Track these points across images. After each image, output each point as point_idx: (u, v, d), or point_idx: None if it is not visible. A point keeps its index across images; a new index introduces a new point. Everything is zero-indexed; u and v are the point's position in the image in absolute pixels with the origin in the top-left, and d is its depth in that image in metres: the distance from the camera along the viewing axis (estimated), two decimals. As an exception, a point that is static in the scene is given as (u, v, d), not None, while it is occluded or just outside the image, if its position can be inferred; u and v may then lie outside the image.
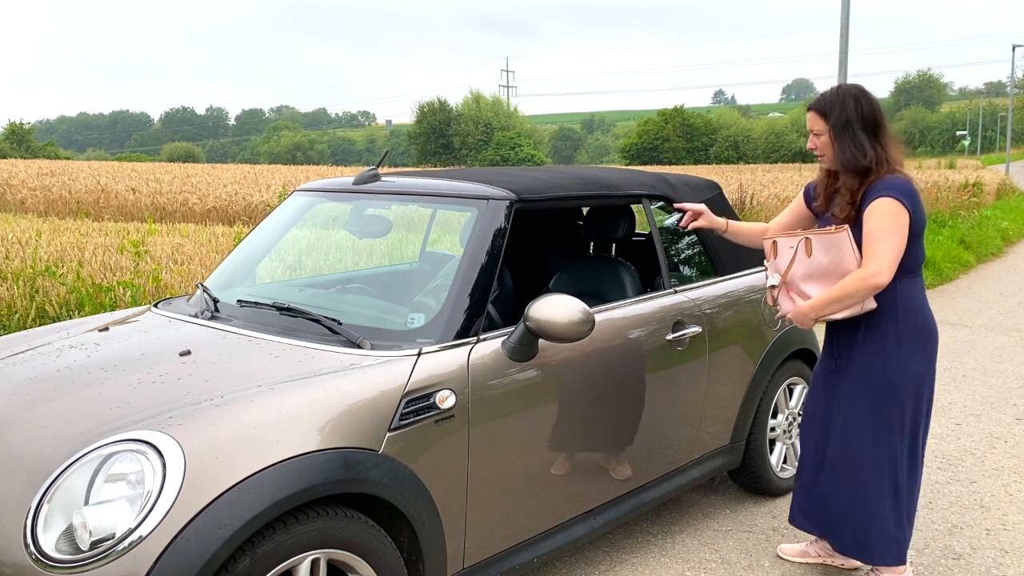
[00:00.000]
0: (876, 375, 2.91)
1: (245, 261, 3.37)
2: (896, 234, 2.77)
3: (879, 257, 2.75)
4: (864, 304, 2.84)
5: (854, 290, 2.78)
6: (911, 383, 2.90)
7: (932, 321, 2.96)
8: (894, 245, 2.76)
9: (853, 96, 2.90)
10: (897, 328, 2.88)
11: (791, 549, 3.38)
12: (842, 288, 2.80)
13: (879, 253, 2.75)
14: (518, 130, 79.66)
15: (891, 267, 2.76)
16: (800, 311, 2.92)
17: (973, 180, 20.02)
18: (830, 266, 2.85)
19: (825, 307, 2.85)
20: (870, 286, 2.76)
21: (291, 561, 2.07)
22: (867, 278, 2.75)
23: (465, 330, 2.59)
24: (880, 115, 2.90)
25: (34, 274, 6.07)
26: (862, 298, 2.81)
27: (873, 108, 2.89)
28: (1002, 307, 8.89)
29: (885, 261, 2.75)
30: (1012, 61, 46.52)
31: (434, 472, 2.39)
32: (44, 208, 18.98)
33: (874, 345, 2.91)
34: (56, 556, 1.90)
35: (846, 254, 2.82)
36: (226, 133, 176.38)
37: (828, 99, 2.93)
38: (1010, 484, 4.15)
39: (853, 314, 2.86)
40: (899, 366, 2.89)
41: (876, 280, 2.75)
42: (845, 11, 11.46)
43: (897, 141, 2.95)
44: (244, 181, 24.40)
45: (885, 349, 2.89)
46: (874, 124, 2.88)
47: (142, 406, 2.19)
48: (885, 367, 2.90)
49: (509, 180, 3.00)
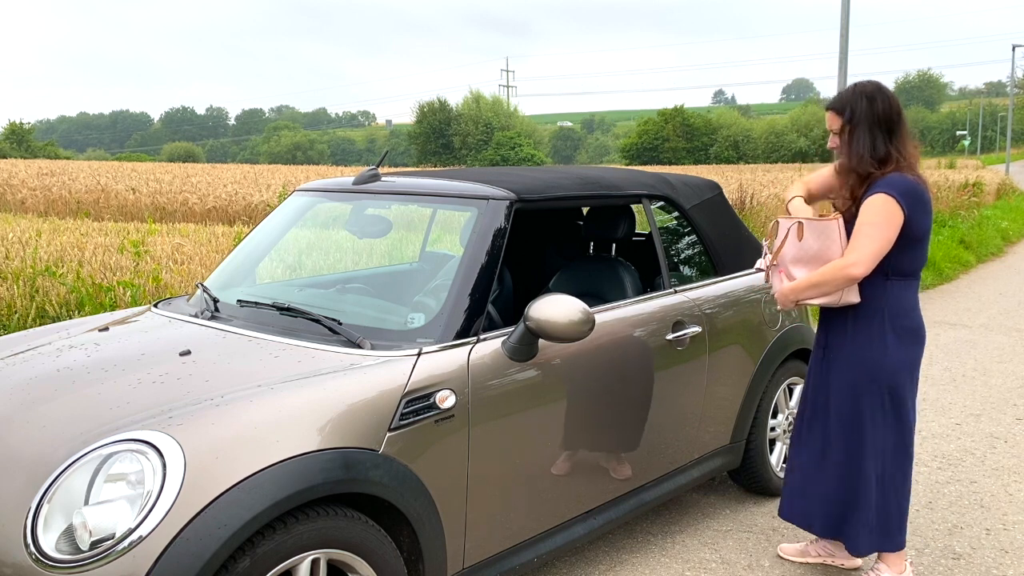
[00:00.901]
0: (866, 366, 2.95)
1: (245, 261, 3.37)
2: (881, 231, 2.78)
3: (858, 250, 2.79)
4: (844, 295, 2.89)
5: (830, 278, 2.85)
6: (892, 376, 2.94)
7: (920, 324, 3.00)
8: (877, 241, 2.78)
9: (868, 95, 2.90)
10: (883, 325, 2.93)
11: (791, 549, 3.38)
12: (820, 274, 2.87)
13: (859, 246, 2.80)
14: (518, 130, 79.65)
15: (869, 261, 2.79)
16: (782, 291, 3.00)
17: (973, 180, 20.01)
18: (818, 252, 2.90)
19: (803, 291, 2.93)
20: (844, 276, 2.82)
21: (291, 561, 2.07)
22: (842, 268, 2.81)
23: (465, 330, 2.59)
24: (897, 113, 2.91)
25: (34, 274, 6.07)
26: (836, 287, 2.86)
27: (890, 106, 2.90)
28: (1002, 307, 8.89)
29: (863, 255, 2.78)
30: (1012, 61, 46.58)
31: (434, 472, 2.39)
32: (44, 208, 18.98)
33: (860, 339, 2.96)
34: (56, 556, 1.90)
35: (833, 242, 2.87)
36: (226, 133, 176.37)
37: (844, 97, 2.95)
38: (1010, 484, 4.15)
39: (831, 303, 2.92)
40: (882, 359, 2.93)
41: (850, 271, 2.80)
42: (845, 11, 11.46)
43: (913, 140, 2.95)
44: (244, 181, 24.39)
45: (871, 343, 2.94)
46: (889, 122, 2.89)
47: (142, 406, 2.19)
48: (873, 358, 2.94)
49: (509, 180, 3.00)
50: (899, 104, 2.93)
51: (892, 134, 2.88)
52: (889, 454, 3.00)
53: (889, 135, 2.88)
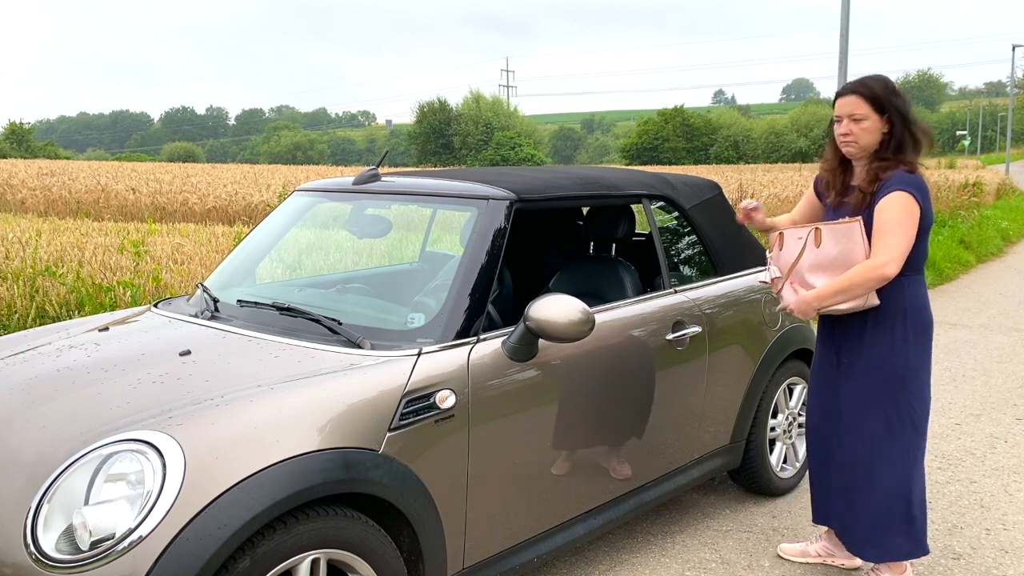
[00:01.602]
0: (887, 369, 2.92)
1: (245, 261, 3.37)
2: (907, 229, 2.78)
3: (888, 249, 2.76)
4: (868, 299, 2.85)
5: (862, 280, 2.78)
6: (915, 376, 2.93)
7: (932, 318, 3.00)
8: (904, 239, 2.77)
9: (893, 90, 2.90)
10: (904, 324, 2.90)
11: (791, 549, 3.38)
12: (848, 279, 2.80)
13: (888, 245, 2.76)
14: (518, 130, 79.64)
15: (900, 260, 2.77)
16: (804, 300, 2.89)
17: (973, 180, 20.01)
18: (839, 256, 2.85)
19: (830, 297, 2.84)
20: (877, 276, 2.77)
21: (291, 561, 2.07)
22: (875, 268, 2.76)
23: (465, 330, 2.59)
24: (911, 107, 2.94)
25: (34, 274, 6.07)
26: (868, 289, 2.81)
27: (907, 102, 2.92)
28: (1002, 307, 8.89)
29: (894, 253, 2.75)
30: (1012, 61, 46.56)
31: (434, 472, 2.39)
32: (44, 208, 18.98)
33: (882, 340, 2.92)
34: (56, 556, 1.90)
35: (856, 244, 2.82)
36: (226, 133, 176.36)
37: (875, 87, 2.88)
38: (1010, 484, 4.15)
39: (856, 307, 2.86)
40: (906, 360, 2.91)
41: (884, 271, 2.76)
42: (845, 11, 11.46)
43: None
44: (244, 181, 24.40)
45: (893, 344, 2.91)
46: (909, 118, 2.90)
47: (142, 406, 2.19)
48: (895, 362, 2.91)
49: (509, 180, 3.00)
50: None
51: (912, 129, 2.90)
52: (909, 461, 2.96)
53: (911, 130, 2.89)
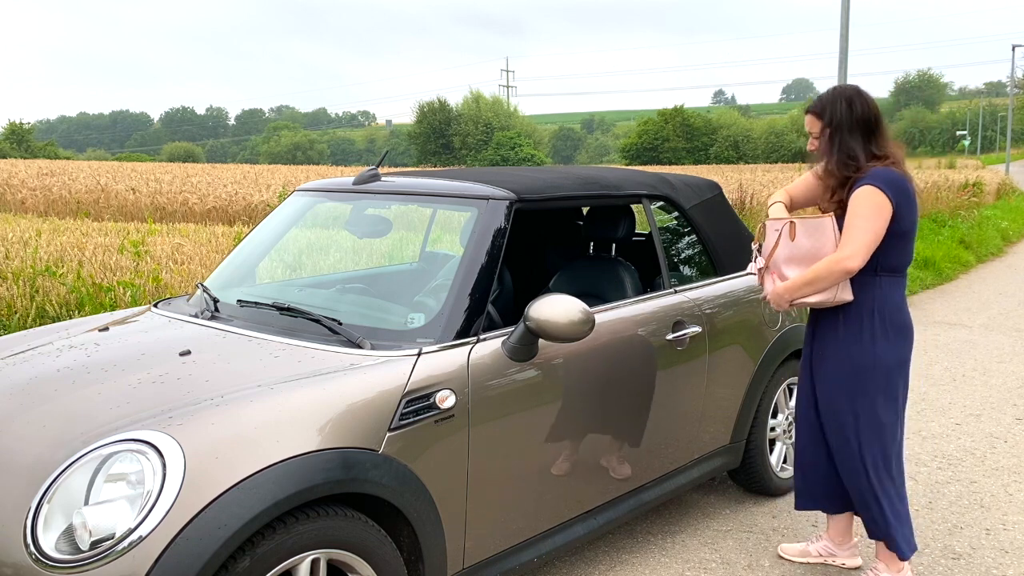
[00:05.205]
0: (851, 364, 2.95)
1: (245, 261, 3.37)
2: (872, 222, 2.79)
3: (852, 243, 2.80)
4: (838, 293, 2.89)
5: (827, 272, 2.84)
6: (883, 373, 2.94)
7: (909, 320, 3.01)
8: (868, 233, 2.79)
9: (847, 98, 2.92)
10: (872, 322, 2.93)
11: (791, 549, 3.38)
12: (815, 271, 2.86)
13: (852, 239, 2.80)
14: (518, 130, 79.64)
15: (864, 253, 2.79)
16: (776, 291, 2.99)
17: (973, 180, 20.03)
18: (811, 250, 2.90)
19: (798, 289, 2.91)
20: (841, 269, 2.81)
21: (291, 561, 2.07)
22: (838, 261, 2.81)
23: (465, 330, 2.59)
24: (876, 115, 2.92)
25: (34, 274, 6.07)
26: (833, 282, 2.86)
27: (868, 109, 2.91)
28: (1002, 307, 8.89)
29: (857, 247, 2.79)
30: (1012, 61, 46.63)
31: (434, 472, 2.39)
32: (44, 208, 18.97)
33: (850, 336, 2.96)
34: (56, 556, 1.90)
35: (828, 239, 2.88)
36: (226, 133, 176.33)
37: (823, 101, 2.98)
38: (1010, 484, 4.15)
39: (826, 300, 2.91)
40: (874, 357, 2.93)
41: (846, 264, 2.79)
42: (845, 11, 11.45)
43: (897, 140, 2.97)
44: (244, 181, 24.39)
45: (860, 340, 2.94)
46: (867, 125, 2.90)
47: (142, 406, 2.19)
48: (860, 356, 2.94)
49: (509, 180, 3.00)
50: (877, 107, 2.95)
51: (871, 136, 2.91)
52: (880, 456, 2.98)
53: (868, 138, 2.90)
